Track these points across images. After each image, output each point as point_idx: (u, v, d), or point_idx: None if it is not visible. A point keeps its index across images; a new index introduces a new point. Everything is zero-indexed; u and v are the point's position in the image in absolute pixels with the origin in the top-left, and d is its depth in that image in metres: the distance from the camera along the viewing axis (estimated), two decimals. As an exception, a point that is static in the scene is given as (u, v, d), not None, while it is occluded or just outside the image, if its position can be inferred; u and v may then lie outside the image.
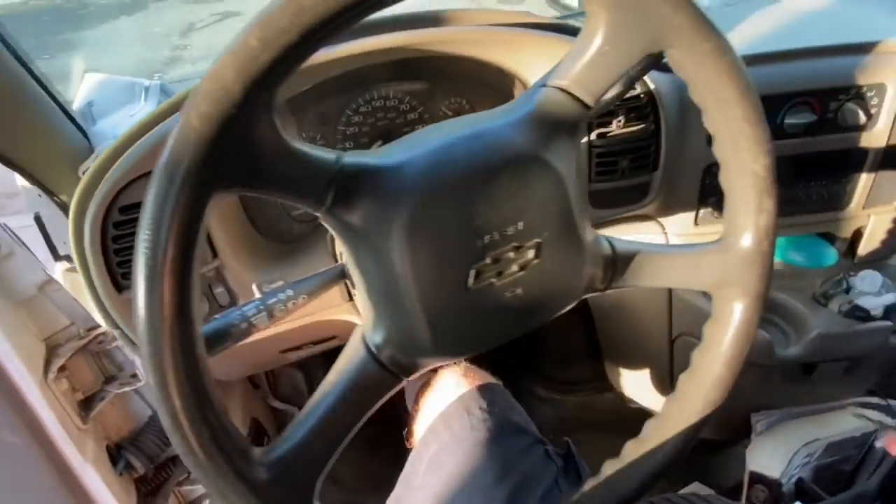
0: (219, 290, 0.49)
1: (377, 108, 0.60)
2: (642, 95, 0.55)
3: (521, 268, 0.30)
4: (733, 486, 0.82)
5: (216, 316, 0.34)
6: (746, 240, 0.34)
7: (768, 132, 0.31)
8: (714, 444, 0.90)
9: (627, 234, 0.66)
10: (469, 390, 0.52)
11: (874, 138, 0.60)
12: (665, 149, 0.58)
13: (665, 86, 0.56)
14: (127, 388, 0.69)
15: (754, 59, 0.59)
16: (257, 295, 0.39)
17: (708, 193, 0.63)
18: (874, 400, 0.72)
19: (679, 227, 0.64)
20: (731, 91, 0.30)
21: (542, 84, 0.31)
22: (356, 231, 0.29)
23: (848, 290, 0.64)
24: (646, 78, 0.55)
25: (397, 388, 0.34)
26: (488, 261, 0.30)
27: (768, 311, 0.70)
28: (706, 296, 0.67)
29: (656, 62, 0.46)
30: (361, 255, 0.30)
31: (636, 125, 0.56)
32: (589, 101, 0.31)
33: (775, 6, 0.70)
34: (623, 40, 0.28)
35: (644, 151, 0.58)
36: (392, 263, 0.29)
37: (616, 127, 0.56)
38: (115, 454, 0.75)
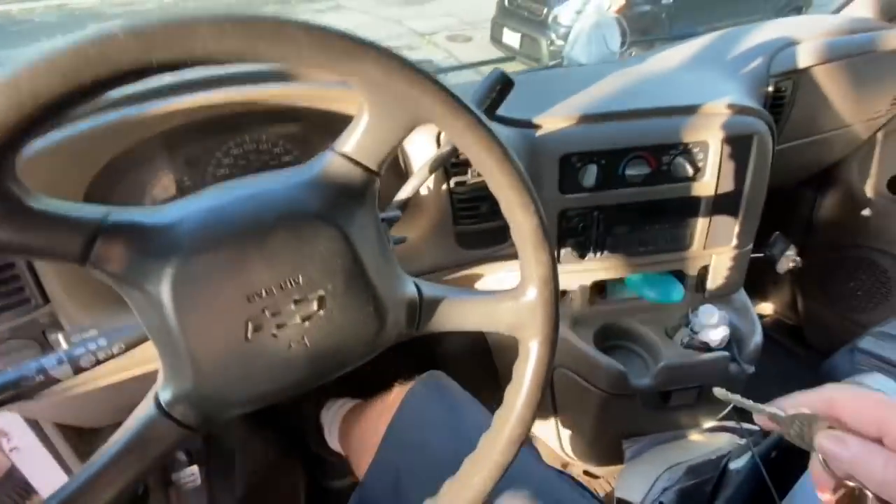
0: (54, 337, 0.47)
1: (250, 150, 0.61)
2: (494, 147, 0.60)
3: (304, 319, 0.32)
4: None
5: (9, 368, 0.34)
6: (531, 289, 0.38)
7: (533, 195, 0.35)
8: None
9: (498, 271, 0.71)
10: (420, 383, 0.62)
11: (703, 188, 0.68)
12: (520, 195, 0.63)
13: (513, 140, 0.61)
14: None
15: (600, 118, 0.66)
16: (63, 346, 0.38)
17: (566, 235, 0.68)
18: (730, 423, 0.78)
19: (544, 266, 0.69)
20: (491, 161, 0.33)
21: (329, 149, 0.34)
22: (128, 285, 0.30)
23: (688, 324, 0.70)
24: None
25: (193, 438, 0.34)
26: (267, 314, 0.31)
27: (631, 342, 0.75)
28: (574, 330, 0.73)
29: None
30: (137, 308, 0.31)
31: (491, 174, 0.61)
32: (372, 166, 0.34)
33: (630, 69, 0.78)
34: (386, 116, 0.32)
35: (502, 198, 0.63)
36: (165, 319, 0.30)
37: (472, 176, 0.61)
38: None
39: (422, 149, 0.59)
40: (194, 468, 0.91)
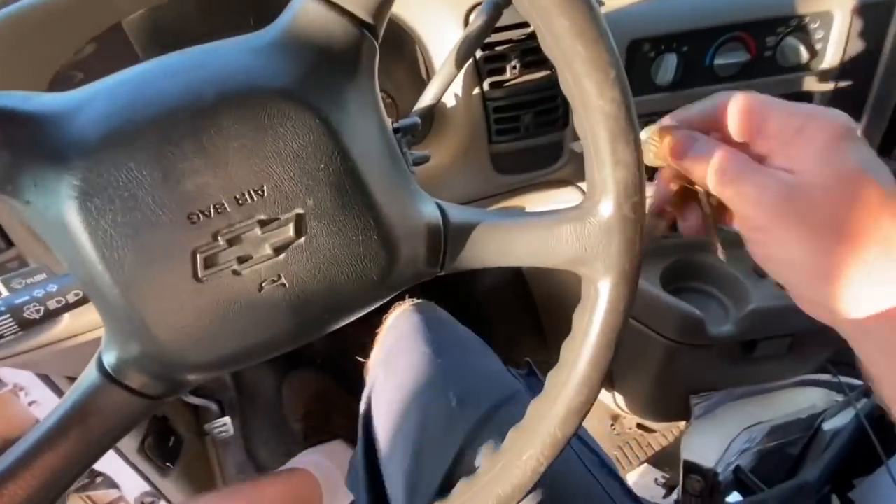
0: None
1: None
2: (540, 34, 0.46)
3: (277, 250, 0.22)
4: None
5: None
6: (605, 203, 0.26)
7: (614, 55, 0.22)
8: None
9: (543, 203, 0.58)
10: (401, 311, 0.50)
11: (819, 79, 0.51)
12: (574, 99, 0.49)
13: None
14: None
15: (679, -12, 0.49)
16: (3, 292, 0.31)
17: (631, 152, 0.54)
18: (824, 377, 0.66)
19: (601, 192, 0.56)
20: None
21: None
22: (18, 200, 0.21)
23: (788, 259, 0.56)
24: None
25: (158, 409, 0.26)
26: (220, 242, 0.22)
27: (705, 283, 0.63)
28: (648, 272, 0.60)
29: None
30: (47, 238, 0.22)
31: (535, 72, 0.47)
32: (363, 15, 0.22)
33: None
34: None
35: (549, 104, 0.49)
36: (79, 253, 0.21)
37: (511, 74, 0.47)
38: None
39: (446, 37, 0.46)
40: (226, 419, 0.89)
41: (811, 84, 0.52)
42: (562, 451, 0.30)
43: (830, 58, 0.50)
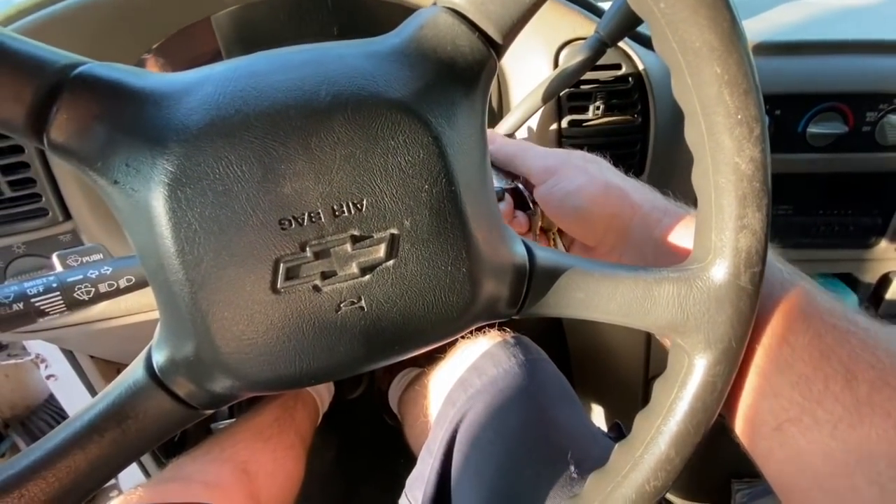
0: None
1: None
2: (630, 78, 0.44)
3: (365, 270, 0.21)
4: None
5: None
6: (718, 269, 0.23)
7: (762, 110, 0.21)
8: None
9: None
10: (501, 341, 0.47)
11: (920, 162, 0.48)
12: (654, 148, 0.47)
13: (659, 68, 0.45)
14: (13, 361, 0.61)
15: (779, 49, 0.48)
16: (58, 268, 0.30)
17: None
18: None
19: (665, 247, 0.53)
20: (703, 35, 0.19)
21: (432, 4, 0.21)
22: (103, 177, 0.20)
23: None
24: (635, 56, 0.44)
25: (196, 420, 0.24)
26: (308, 254, 0.20)
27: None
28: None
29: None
30: (122, 219, 0.21)
31: (619, 115, 0.46)
32: (494, 34, 0.21)
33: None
34: None
35: (627, 149, 0.47)
36: (156, 239, 0.20)
37: (593, 115, 0.46)
38: (3, 433, 0.67)
39: (532, 70, 0.45)
40: (234, 420, 0.87)
41: (910, 166, 0.49)
42: None
43: (935, 141, 0.47)
